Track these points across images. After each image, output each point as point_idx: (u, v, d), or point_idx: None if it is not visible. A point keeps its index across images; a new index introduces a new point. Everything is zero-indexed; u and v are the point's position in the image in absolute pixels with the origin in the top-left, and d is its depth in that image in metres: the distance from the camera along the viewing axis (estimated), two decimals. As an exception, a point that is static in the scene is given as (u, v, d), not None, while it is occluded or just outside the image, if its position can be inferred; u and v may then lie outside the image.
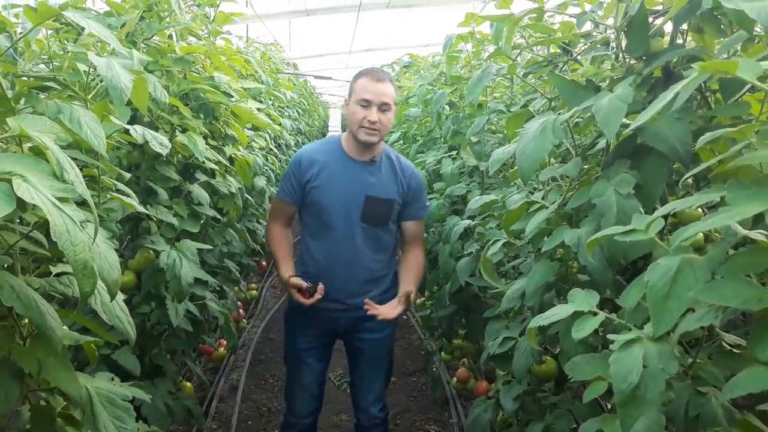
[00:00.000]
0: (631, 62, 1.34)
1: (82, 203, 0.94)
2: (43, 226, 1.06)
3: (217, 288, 2.69)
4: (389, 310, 2.28)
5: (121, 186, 1.39)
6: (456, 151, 2.96)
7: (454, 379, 3.37)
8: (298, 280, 2.25)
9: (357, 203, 2.26)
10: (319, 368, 2.44)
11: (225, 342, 3.54)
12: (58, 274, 1.17)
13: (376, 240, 2.32)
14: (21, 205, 0.81)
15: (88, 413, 1.10)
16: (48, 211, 0.79)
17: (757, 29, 1.10)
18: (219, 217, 2.56)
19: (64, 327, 1.19)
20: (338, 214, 2.26)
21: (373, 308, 2.26)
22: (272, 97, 4.52)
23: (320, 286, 2.23)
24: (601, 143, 1.36)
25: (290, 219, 2.45)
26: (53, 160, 0.88)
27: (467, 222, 2.41)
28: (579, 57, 1.55)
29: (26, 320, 1.07)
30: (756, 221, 0.87)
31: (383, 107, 2.21)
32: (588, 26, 1.47)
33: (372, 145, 2.27)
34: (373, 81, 2.22)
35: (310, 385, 2.42)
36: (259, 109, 2.66)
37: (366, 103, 2.20)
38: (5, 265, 1.05)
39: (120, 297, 1.17)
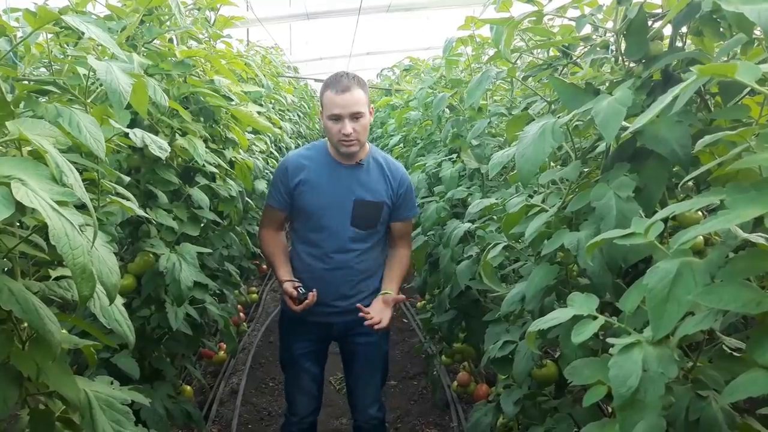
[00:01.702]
0: (631, 65, 1.34)
1: (81, 207, 0.94)
2: (43, 229, 1.06)
3: (218, 291, 2.69)
4: (382, 317, 2.28)
5: (120, 189, 1.39)
6: (456, 155, 2.96)
7: (455, 382, 3.37)
8: (290, 287, 2.24)
9: (346, 207, 2.26)
10: (317, 370, 2.45)
11: (225, 345, 3.53)
12: (57, 278, 1.17)
13: (366, 242, 2.32)
14: (20, 208, 0.81)
15: (87, 417, 1.09)
16: (47, 215, 0.79)
17: (757, 32, 1.10)
18: (219, 220, 2.56)
19: (64, 330, 1.18)
20: (328, 218, 2.26)
21: (368, 315, 2.25)
22: (273, 101, 4.53)
23: (312, 293, 2.21)
24: (601, 146, 1.36)
25: (282, 225, 2.44)
26: (52, 164, 0.88)
27: (467, 225, 2.41)
28: (578, 60, 1.55)
29: (25, 324, 1.07)
30: (756, 224, 0.87)
31: (355, 116, 2.17)
32: (587, 29, 1.47)
33: (355, 153, 2.27)
34: (339, 93, 2.15)
35: (309, 387, 2.44)
36: (259, 113, 2.66)
37: (336, 118, 2.17)
38: (4, 269, 1.05)
39: (119, 300, 1.17)
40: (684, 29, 1.28)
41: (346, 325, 2.37)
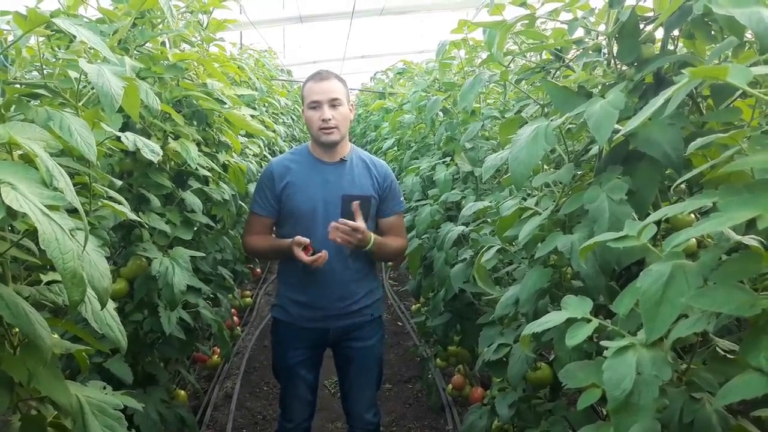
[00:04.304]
0: (623, 68, 1.34)
1: (74, 211, 0.93)
2: (34, 233, 1.05)
3: (211, 295, 2.67)
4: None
5: (113, 193, 1.39)
6: (450, 158, 2.96)
7: (450, 385, 3.37)
8: (300, 238, 2.20)
9: (335, 204, 2.27)
10: (312, 377, 2.44)
11: (219, 350, 3.52)
12: (48, 282, 1.16)
13: None
14: (11, 213, 0.80)
15: (78, 423, 1.09)
16: (36, 219, 0.79)
17: (748, 35, 1.11)
18: (212, 224, 2.55)
19: (56, 335, 1.18)
20: (318, 218, 2.26)
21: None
22: (266, 104, 4.52)
23: (324, 252, 2.19)
24: (594, 149, 1.36)
25: (269, 230, 2.42)
26: (42, 168, 0.87)
27: (461, 228, 2.41)
28: (571, 63, 1.55)
29: (16, 329, 1.06)
30: (748, 226, 0.87)
31: (333, 103, 2.23)
32: (580, 33, 1.47)
33: (335, 144, 2.28)
34: (317, 81, 2.25)
35: (305, 395, 2.42)
36: (252, 116, 2.65)
37: (315, 104, 2.23)
38: (-5, 274, 1.05)
39: (111, 305, 1.16)
40: (676, 32, 1.28)
41: (342, 330, 2.36)
